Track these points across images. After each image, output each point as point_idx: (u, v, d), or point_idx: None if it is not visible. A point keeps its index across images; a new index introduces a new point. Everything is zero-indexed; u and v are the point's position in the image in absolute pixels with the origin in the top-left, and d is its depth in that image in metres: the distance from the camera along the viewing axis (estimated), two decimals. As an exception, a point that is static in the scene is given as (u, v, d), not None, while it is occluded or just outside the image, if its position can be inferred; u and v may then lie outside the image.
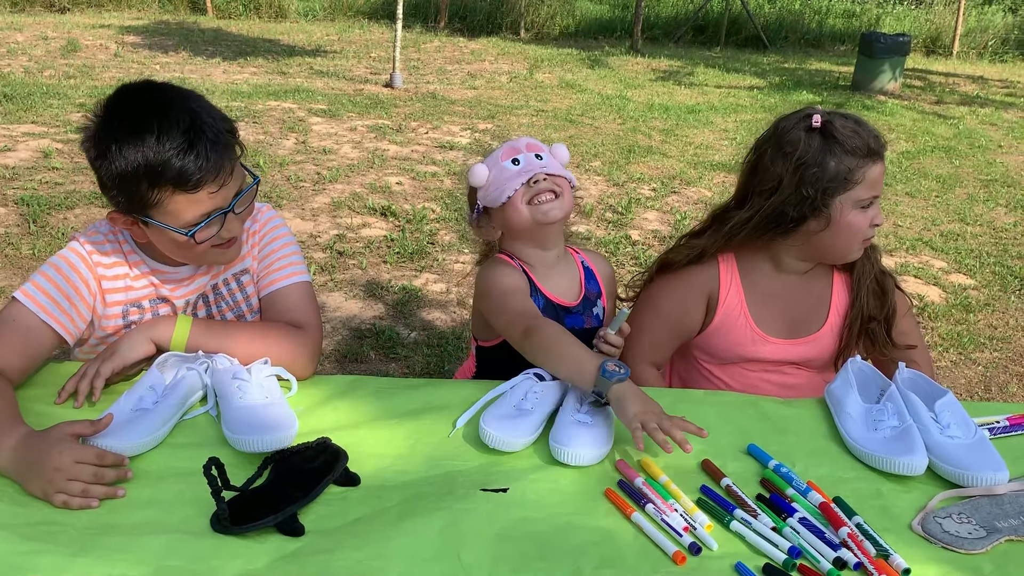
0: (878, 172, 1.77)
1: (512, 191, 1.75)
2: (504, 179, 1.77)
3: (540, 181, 1.76)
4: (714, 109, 8.59)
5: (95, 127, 1.50)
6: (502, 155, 1.80)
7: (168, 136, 1.44)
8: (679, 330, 1.96)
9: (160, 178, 1.46)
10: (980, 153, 7.38)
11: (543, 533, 1.26)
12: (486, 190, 1.81)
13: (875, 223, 1.81)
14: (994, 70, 12.48)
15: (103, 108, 1.50)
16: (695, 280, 1.93)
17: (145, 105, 1.49)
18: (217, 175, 1.49)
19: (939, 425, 1.52)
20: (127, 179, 1.47)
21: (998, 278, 4.63)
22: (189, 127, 1.46)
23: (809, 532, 1.27)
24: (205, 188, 1.49)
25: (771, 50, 13.20)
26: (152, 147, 1.44)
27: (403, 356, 3.47)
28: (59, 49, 9.61)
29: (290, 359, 1.63)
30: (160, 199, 1.49)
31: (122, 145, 1.45)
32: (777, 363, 1.94)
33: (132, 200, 1.50)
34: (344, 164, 5.90)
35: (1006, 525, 1.32)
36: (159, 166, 1.44)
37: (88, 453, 1.31)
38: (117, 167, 1.46)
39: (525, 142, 1.82)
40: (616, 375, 1.46)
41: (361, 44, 11.46)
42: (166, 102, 1.49)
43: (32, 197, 4.81)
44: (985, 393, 3.50)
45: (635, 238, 4.90)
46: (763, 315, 1.92)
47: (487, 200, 1.81)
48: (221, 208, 1.54)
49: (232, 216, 1.57)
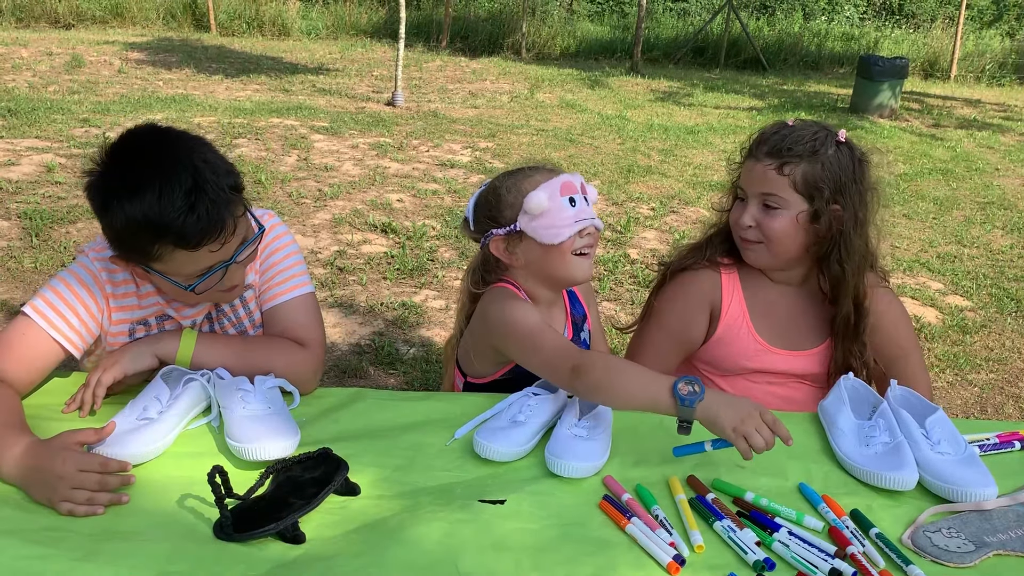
0: (746, 168, 1.88)
1: (567, 236, 1.69)
2: (560, 219, 1.69)
3: (590, 234, 1.73)
4: (713, 130, 8.65)
5: (98, 177, 1.48)
6: (561, 188, 1.70)
7: (169, 197, 1.42)
8: (682, 341, 1.98)
9: (161, 236, 1.45)
10: (977, 176, 7.43)
11: (539, 544, 1.28)
12: (536, 220, 1.70)
13: (744, 222, 1.86)
14: (991, 94, 12.57)
15: (107, 156, 1.48)
16: (697, 291, 1.95)
17: (148, 160, 1.47)
18: (219, 234, 1.48)
19: (930, 441, 1.54)
20: (129, 233, 1.47)
21: (995, 300, 4.66)
22: (192, 187, 1.43)
23: (800, 546, 1.29)
24: (206, 247, 1.48)
25: (770, 72, 13.30)
26: (153, 206, 1.42)
27: (402, 372, 3.49)
28: (63, 65, 9.68)
29: (293, 374, 1.65)
30: (161, 253, 1.49)
31: (123, 201, 1.44)
32: (781, 375, 1.96)
33: (133, 252, 1.51)
34: (345, 181, 5.94)
35: (995, 540, 1.34)
36: (160, 225, 1.43)
37: (92, 461, 1.32)
38: (118, 221, 1.46)
39: (580, 181, 1.75)
40: (695, 398, 1.37)
41: (363, 63, 11.54)
42: (170, 158, 1.47)
43: (35, 211, 4.85)
44: (981, 414, 3.52)
45: (634, 256, 4.94)
46: (765, 326, 1.94)
47: (536, 231, 1.70)
48: (223, 261, 1.54)
49: (235, 266, 1.58)
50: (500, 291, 1.77)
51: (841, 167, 1.81)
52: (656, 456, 1.53)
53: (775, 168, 1.81)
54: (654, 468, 1.50)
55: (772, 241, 1.84)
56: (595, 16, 16.32)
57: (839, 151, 1.82)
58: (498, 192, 1.75)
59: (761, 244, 1.86)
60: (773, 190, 1.82)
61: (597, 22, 15.79)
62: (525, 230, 1.71)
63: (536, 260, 1.74)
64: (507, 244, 1.76)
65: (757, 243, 1.87)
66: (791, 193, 1.81)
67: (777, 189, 1.81)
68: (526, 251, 1.74)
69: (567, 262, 1.72)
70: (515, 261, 1.77)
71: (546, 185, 1.70)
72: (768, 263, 1.90)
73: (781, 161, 1.80)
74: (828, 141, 1.82)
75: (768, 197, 1.82)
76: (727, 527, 1.32)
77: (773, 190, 1.82)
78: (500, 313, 1.70)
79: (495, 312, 1.72)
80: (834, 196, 1.81)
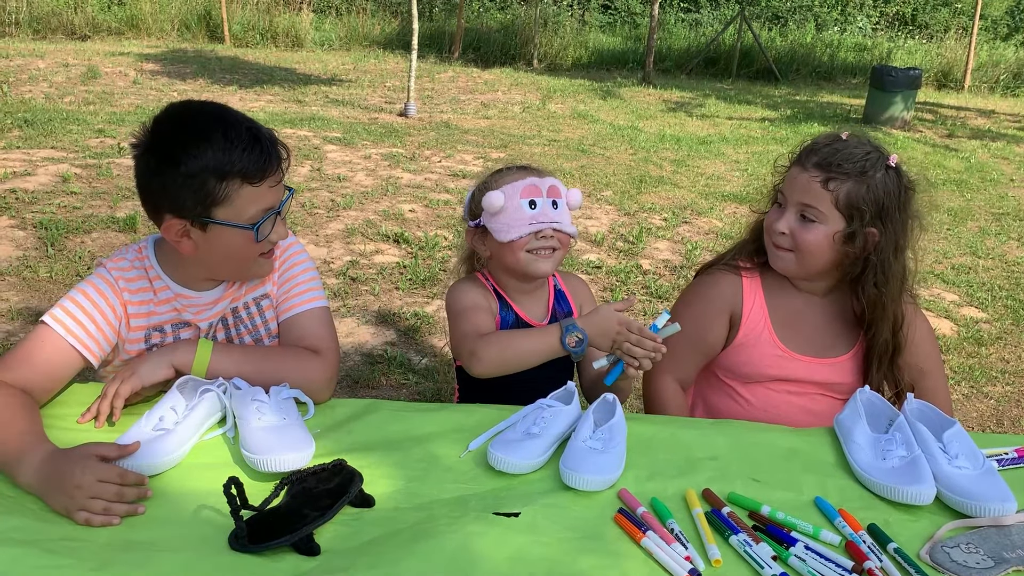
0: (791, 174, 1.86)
1: (517, 236, 1.80)
2: (515, 219, 1.81)
3: (547, 237, 1.82)
4: (725, 140, 8.65)
5: (153, 139, 1.57)
6: (522, 191, 1.81)
7: (236, 134, 1.56)
8: (701, 346, 1.98)
9: (229, 172, 1.55)
10: (992, 187, 7.40)
11: (553, 557, 1.27)
12: (494, 216, 1.83)
13: (778, 228, 1.85)
14: (1006, 104, 12.52)
15: (158, 123, 1.59)
16: (717, 295, 1.95)
17: (204, 115, 1.61)
18: (276, 167, 1.62)
19: (947, 455, 1.53)
20: (195, 178, 1.54)
21: (1010, 312, 4.63)
22: (249, 127, 1.59)
23: (817, 560, 1.28)
24: (267, 181, 1.60)
25: (782, 83, 13.29)
26: (221, 145, 1.54)
27: (414, 383, 3.49)
28: (79, 76, 9.77)
29: (308, 383, 1.66)
30: (228, 193, 1.57)
31: (190, 147, 1.54)
32: (803, 383, 1.95)
33: (198, 198, 1.56)
34: (358, 191, 5.96)
35: (1014, 556, 1.32)
36: (229, 161, 1.55)
37: (111, 472, 1.33)
38: (186, 168, 1.53)
39: (548, 184, 1.83)
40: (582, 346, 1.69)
41: (376, 74, 11.60)
42: (223, 111, 1.62)
43: (50, 221, 4.88)
44: (997, 427, 3.49)
45: (646, 267, 4.93)
46: (788, 333, 1.93)
47: (492, 227, 1.84)
48: (274, 207, 1.64)
49: (279, 220, 1.67)
50: (462, 279, 1.97)
51: (887, 192, 1.79)
52: (671, 469, 1.53)
53: (820, 181, 1.79)
54: (669, 481, 1.49)
55: (803, 252, 1.84)
56: (607, 27, 16.34)
57: (887, 176, 1.80)
58: (479, 190, 1.90)
59: (791, 252, 1.85)
60: (813, 202, 1.80)
61: (609, 33, 15.82)
62: (486, 225, 1.85)
63: (496, 252, 1.88)
64: (476, 236, 1.92)
65: (788, 251, 1.86)
66: (831, 209, 1.79)
67: (818, 202, 1.80)
68: (490, 244, 1.89)
69: (518, 258, 1.83)
70: (484, 252, 1.92)
71: (509, 186, 1.82)
72: (795, 272, 1.90)
73: (828, 175, 1.78)
74: (879, 164, 1.80)
75: (807, 208, 1.81)
76: (743, 541, 1.31)
77: (813, 202, 1.80)
78: (449, 295, 1.93)
79: (448, 294, 1.94)
80: (873, 220, 1.79)
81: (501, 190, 1.82)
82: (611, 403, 1.64)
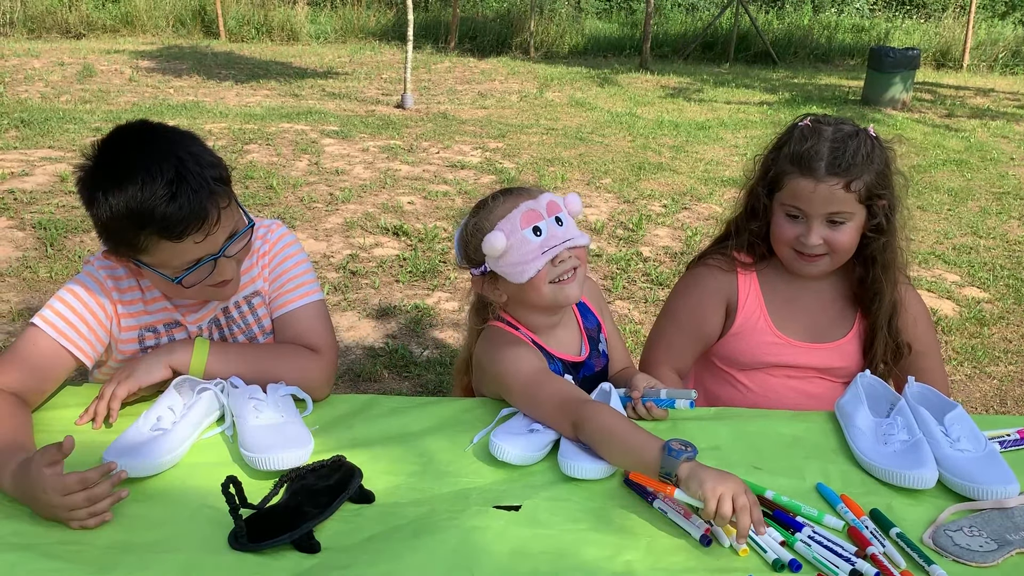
0: (802, 187, 1.78)
1: (535, 271, 1.62)
2: (525, 255, 1.61)
3: (564, 260, 1.64)
4: (724, 125, 8.62)
5: (85, 172, 1.51)
6: (521, 220, 1.62)
7: (151, 186, 1.44)
8: (697, 335, 1.97)
9: (144, 226, 1.46)
10: (992, 166, 7.37)
11: (555, 550, 1.27)
12: (500, 259, 1.63)
13: (802, 240, 1.81)
14: (1005, 83, 12.46)
15: (94, 152, 1.51)
16: (713, 285, 1.95)
17: (131, 153, 1.49)
18: (202, 224, 1.49)
19: (949, 438, 1.52)
20: (115, 224, 1.49)
21: (1012, 291, 4.62)
22: (174, 177, 1.45)
23: (821, 547, 1.28)
24: (190, 237, 1.49)
25: (780, 66, 13.23)
26: (135, 196, 1.44)
27: (416, 375, 3.49)
28: (75, 74, 9.75)
29: (306, 381, 1.65)
30: (147, 245, 1.50)
31: (107, 193, 1.46)
32: (801, 368, 1.94)
33: (120, 244, 1.53)
34: (356, 184, 5.95)
35: (1017, 538, 1.32)
36: (142, 214, 1.45)
37: (70, 482, 1.25)
38: (104, 213, 1.47)
39: (546, 201, 1.65)
40: (683, 454, 1.32)
41: (372, 66, 11.56)
42: (153, 150, 1.49)
43: (49, 221, 4.88)
44: (1001, 407, 3.49)
45: (646, 254, 4.92)
46: (784, 319, 1.93)
47: (503, 271, 1.65)
48: (211, 254, 1.55)
49: (224, 260, 1.58)
50: (493, 334, 1.73)
51: (882, 162, 1.81)
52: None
53: (842, 187, 1.77)
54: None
55: (838, 253, 1.83)
56: (603, 13, 16.27)
57: (876, 147, 1.81)
58: (469, 232, 1.70)
59: (826, 256, 1.84)
60: (841, 208, 1.78)
61: (605, 19, 15.75)
62: (495, 270, 1.67)
63: (515, 296, 1.70)
64: (486, 284, 1.72)
65: (821, 256, 1.84)
66: (856, 206, 1.79)
67: (845, 206, 1.78)
68: (505, 287, 1.69)
69: (543, 294, 1.65)
70: (500, 297, 1.72)
71: (504, 222, 1.62)
72: (829, 270, 1.90)
73: (848, 179, 1.76)
74: (871, 143, 1.81)
75: (836, 215, 1.79)
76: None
77: (841, 208, 1.78)
78: (494, 365, 1.66)
79: (489, 363, 1.68)
80: (881, 192, 1.81)
81: (499, 229, 1.62)
82: (607, 392, 1.63)
